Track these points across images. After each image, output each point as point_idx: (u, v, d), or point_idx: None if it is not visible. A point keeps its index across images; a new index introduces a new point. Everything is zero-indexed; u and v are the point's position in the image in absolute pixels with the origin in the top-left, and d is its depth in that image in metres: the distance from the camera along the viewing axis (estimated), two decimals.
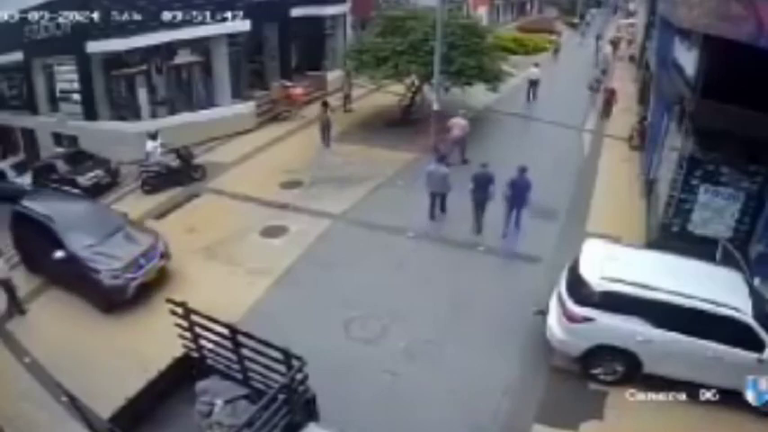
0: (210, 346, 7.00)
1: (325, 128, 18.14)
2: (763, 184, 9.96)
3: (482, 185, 12.00)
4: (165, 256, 11.13)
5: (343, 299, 10.10)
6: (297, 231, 12.73)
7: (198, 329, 6.92)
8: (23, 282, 11.30)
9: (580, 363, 8.26)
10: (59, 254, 10.35)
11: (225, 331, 6.64)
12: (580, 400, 7.95)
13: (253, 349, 6.52)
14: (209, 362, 7.11)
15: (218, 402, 6.42)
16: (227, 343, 6.71)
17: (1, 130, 21.11)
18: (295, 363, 6.20)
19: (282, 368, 6.33)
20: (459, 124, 15.93)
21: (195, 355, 7.18)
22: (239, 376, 6.89)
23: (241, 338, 6.57)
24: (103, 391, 7.91)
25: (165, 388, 6.78)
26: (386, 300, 10.14)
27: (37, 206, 11.59)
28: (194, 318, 6.86)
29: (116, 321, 9.95)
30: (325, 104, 18.34)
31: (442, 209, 13.08)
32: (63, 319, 10.21)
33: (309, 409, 6.53)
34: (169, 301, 6.99)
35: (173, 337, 9.04)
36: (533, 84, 23.60)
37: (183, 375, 6.97)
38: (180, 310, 6.91)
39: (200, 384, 6.75)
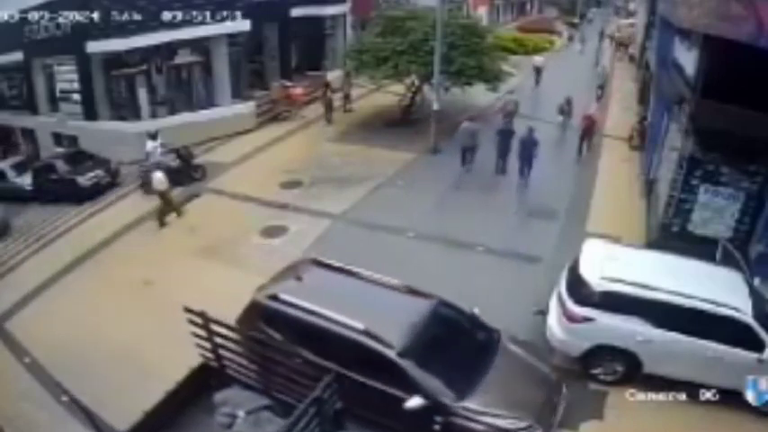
0: (231, 355, 6.66)
1: (328, 106, 20.36)
2: (763, 184, 9.95)
3: (506, 137, 15.34)
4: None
5: None
6: (297, 231, 12.73)
7: (218, 339, 6.60)
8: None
9: (580, 363, 8.25)
10: (415, 403, 6.38)
11: (248, 342, 6.35)
12: (580, 400, 7.92)
13: (278, 360, 6.27)
14: (229, 371, 6.78)
15: (240, 413, 6.16)
16: (251, 354, 6.42)
17: (1, 130, 21.12)
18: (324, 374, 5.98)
19: (306, 379, 6.08)
20: (512, 100, 19.52)
21: (214, 364, 6.84)
22: (260, 386, 6.61)
23: (266, 349, 6.33)
24: (104, 393, 7.94)
25: (183, 399, 6.52)
26: None
27: (323, 306, 6.98)
28: (214, 327, 6.54)
29: (117, 321, 9.94)
30: (326, 85, 20.72)
31: (472, 160, 15.66)
32: (63, 318, 10.19)
33: (338, 421, 6.29)
34: (187, 310, 6.61)
35: (175, 338, 9.09)
36: (538, 70, 26.42)
37: (200, 385, 6.68)
38: (199, 320, 6.55)
39: (220, 395, 6.46)
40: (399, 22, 19.42)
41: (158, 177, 13.38)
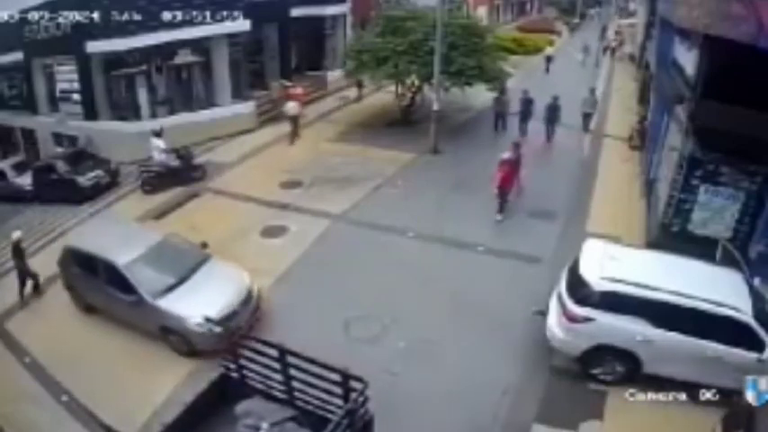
0: (253, 366, 6.65)
1: (360, 86, 23.01)
2: (762, 184, 9.94)
3: (526, 105, 18.30)
4: None
5: (344, 298, 10.10)
6: (297, 231, 12.73)
7: (240, 350, 6.57)
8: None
9: (580, 363, 8.25)
10: None
11: (273, 352, 6.30)
12: (580, 400, 7.94)
13: (304, 370, 6.18)
14: (250, 382, 6.76)
15: (264, 426, 6.09)
16: (275, 364, 6.36)
17: (1, 130, 21.12)
18: (356, 385, 5.98)
19: (336, 389, 6.05)
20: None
21: (234, 375, 6.84)
22: (284, 397, 6.56)
23: (291, 359, 6.24)
24: (104, 393, 7.95)
25: (202, 410, 6.40)
26: (386, 299, 10.13)
27: None
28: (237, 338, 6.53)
29: (117, 320, 9.94)
30: None
31: (504, 126, 19.08)
32: (63, 318, 10.21)
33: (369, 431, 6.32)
34: (208, 320, 6.67)
35: None
36: (548, 59, 30.29)
37: (219, 396, 6.62)
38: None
39: (242, 406, 6.38)
40: (399, 22, 19.37)
41: (291, 105, 18.34)
